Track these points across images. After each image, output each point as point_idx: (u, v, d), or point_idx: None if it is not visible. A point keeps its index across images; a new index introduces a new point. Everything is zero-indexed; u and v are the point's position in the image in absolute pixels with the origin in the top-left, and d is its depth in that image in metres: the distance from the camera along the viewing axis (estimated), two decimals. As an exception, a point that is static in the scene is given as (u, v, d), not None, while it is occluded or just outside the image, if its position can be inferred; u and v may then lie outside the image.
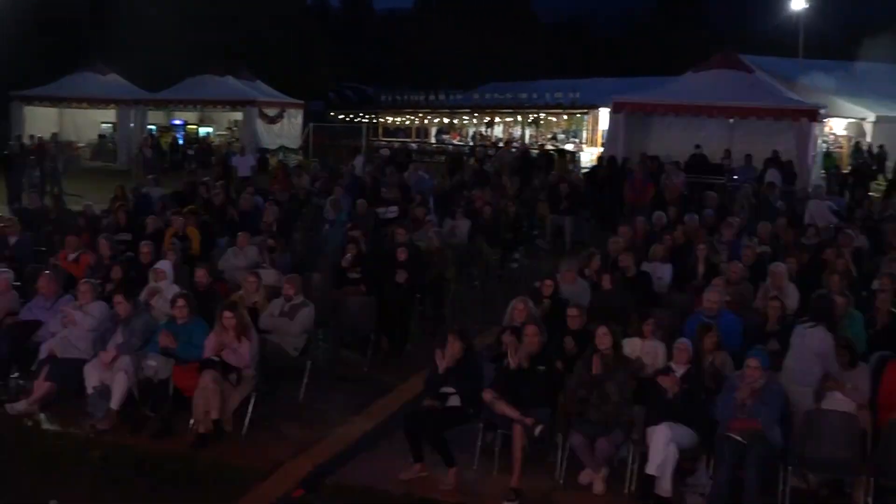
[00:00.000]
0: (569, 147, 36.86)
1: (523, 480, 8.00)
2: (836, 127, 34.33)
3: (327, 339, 11.69)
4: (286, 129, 38.77)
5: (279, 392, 10.05)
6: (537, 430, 7.95)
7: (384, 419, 9.72)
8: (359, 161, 26.50)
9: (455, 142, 43.24)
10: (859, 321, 9.84)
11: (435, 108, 44.80)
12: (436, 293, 13.53)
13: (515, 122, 42.11)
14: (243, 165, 26.60)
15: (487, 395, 8.29)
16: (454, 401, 8.42)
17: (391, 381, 10.93)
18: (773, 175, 21.76)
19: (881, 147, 30.13)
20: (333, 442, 9.15)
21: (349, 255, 12.31)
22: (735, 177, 22.88)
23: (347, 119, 49.07)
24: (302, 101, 41.32)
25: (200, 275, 10.96)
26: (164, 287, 10.79)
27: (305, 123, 40.78)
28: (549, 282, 10.61)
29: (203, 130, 40.43)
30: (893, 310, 9.91)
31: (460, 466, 8.24)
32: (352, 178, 20.82)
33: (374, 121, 48.08)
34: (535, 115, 40.62)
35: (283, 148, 37.14)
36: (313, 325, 10.49)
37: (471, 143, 41.30)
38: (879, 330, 9.75)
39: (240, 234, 13.31)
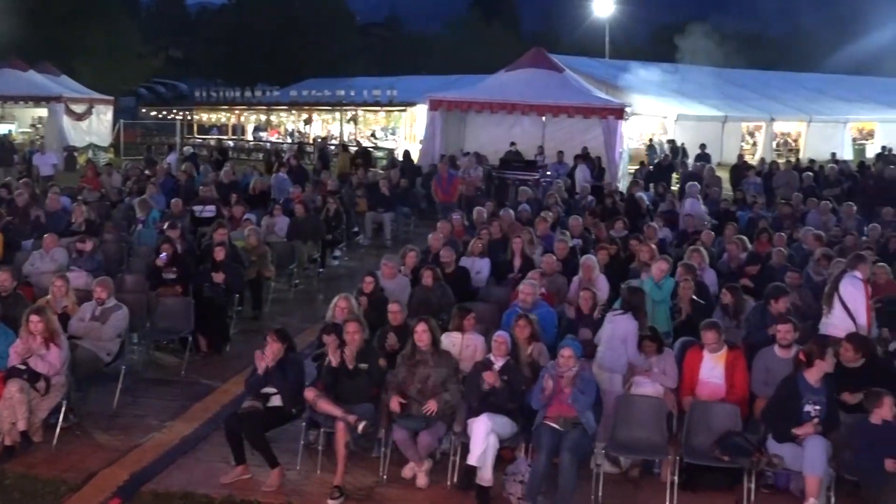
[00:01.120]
0: (388, 144, 37.16)
1: (347, 477, 8.04)
2: (641, 124, 36.01)
3: (142, 343, 11.38)
4: (95, 127, 37.57)
5: (92, 399, 9.75)
6: (360, 426, 7.98)
7: (203, 422, 9.54)
8: (172, 158, 25.85)
9: (273, 139, 42.73)
10: (669, 286, 10.61)
11: (251, 105, 44.13)
12: (255, 292, 13.41)
13: (334, 119, 41.99)
14: (45, 164, 25.58)
15: (310, 394, 8.27)
16: (276, 401, 8.35)
17: (210, 383, 10.75)
18: (582, 171, 22.58)
19: (672, 142, 31.73)
20: (150, 448, 8.89)
21: (164, 254, 12.00)
22: (549, 172, 23.60)
23: (160, 116, 47.65)
24: (111, 97, 40.18)
25: (3, 279, 10.43)
26: (-39, 295, 10.20)
27: (115, 120, 39.58)
28: (369, 279, 10.67)
29: (3, 128, 38.37)
30: (695, 298, 10.48)
31: (283, 466, 8.19)
32: (166, 177, 20.30)
33: (189, 117, 46.92)
34: (354, 112, 40.64)
35: (92, 146, 35.83)
36: (127, 329, 10.21)
37: (289, 141, 40.95)
38: (683, 318, 10.30)
39: (46, 235, 12.87)
